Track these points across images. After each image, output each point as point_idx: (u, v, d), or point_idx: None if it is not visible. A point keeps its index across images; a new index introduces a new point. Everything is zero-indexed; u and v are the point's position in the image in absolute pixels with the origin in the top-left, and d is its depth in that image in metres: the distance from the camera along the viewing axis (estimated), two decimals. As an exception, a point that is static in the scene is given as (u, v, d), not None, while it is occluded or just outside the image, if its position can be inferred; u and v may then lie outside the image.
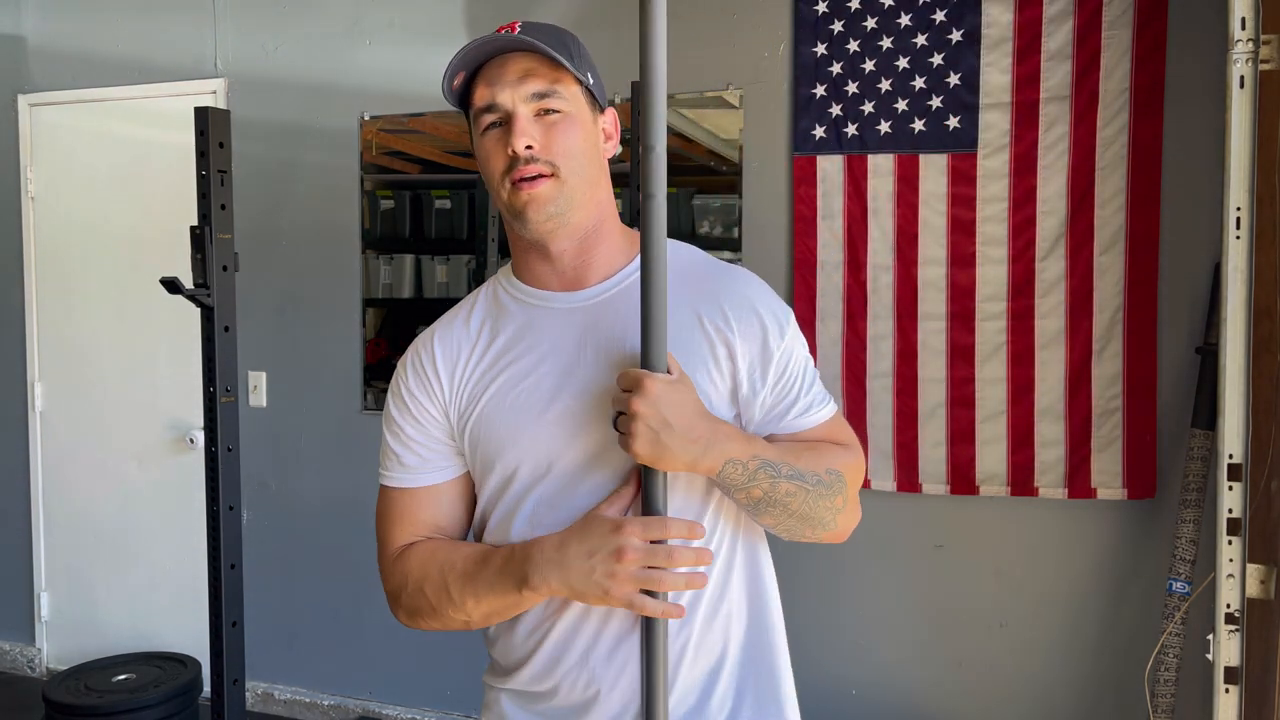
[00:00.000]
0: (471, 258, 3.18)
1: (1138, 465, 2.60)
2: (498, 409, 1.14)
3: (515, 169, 1.09)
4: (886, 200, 2.74)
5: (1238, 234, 1.96)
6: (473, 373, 1.18)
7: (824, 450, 1.15)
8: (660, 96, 1.00)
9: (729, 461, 1.05)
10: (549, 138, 1.10)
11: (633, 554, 1.02)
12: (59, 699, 2.94)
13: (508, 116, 1.10)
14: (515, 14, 3.09)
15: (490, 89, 1.10)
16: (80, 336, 3.73)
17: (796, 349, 1.18)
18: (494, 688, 1.24)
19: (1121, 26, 2.54)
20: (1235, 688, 1.96)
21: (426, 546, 1.19)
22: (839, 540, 1.18)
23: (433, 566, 1.16)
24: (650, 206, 1.03)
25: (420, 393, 1.19)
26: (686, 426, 1.02)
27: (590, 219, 1.15)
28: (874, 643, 2.87)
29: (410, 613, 1.20)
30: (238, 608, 2.59)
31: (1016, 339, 2.67)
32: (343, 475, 3.37)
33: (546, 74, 1.10)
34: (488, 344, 1.18)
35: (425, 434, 1.19)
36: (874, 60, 2.73)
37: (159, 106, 3.53)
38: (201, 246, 2.48)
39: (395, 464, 1.21)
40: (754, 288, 1.18)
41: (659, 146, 1.01)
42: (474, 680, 3.37)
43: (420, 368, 1.20)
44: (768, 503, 1.09)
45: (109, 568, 3.74)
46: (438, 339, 1.21)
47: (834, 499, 1.13)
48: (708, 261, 1.22)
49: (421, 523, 1.21)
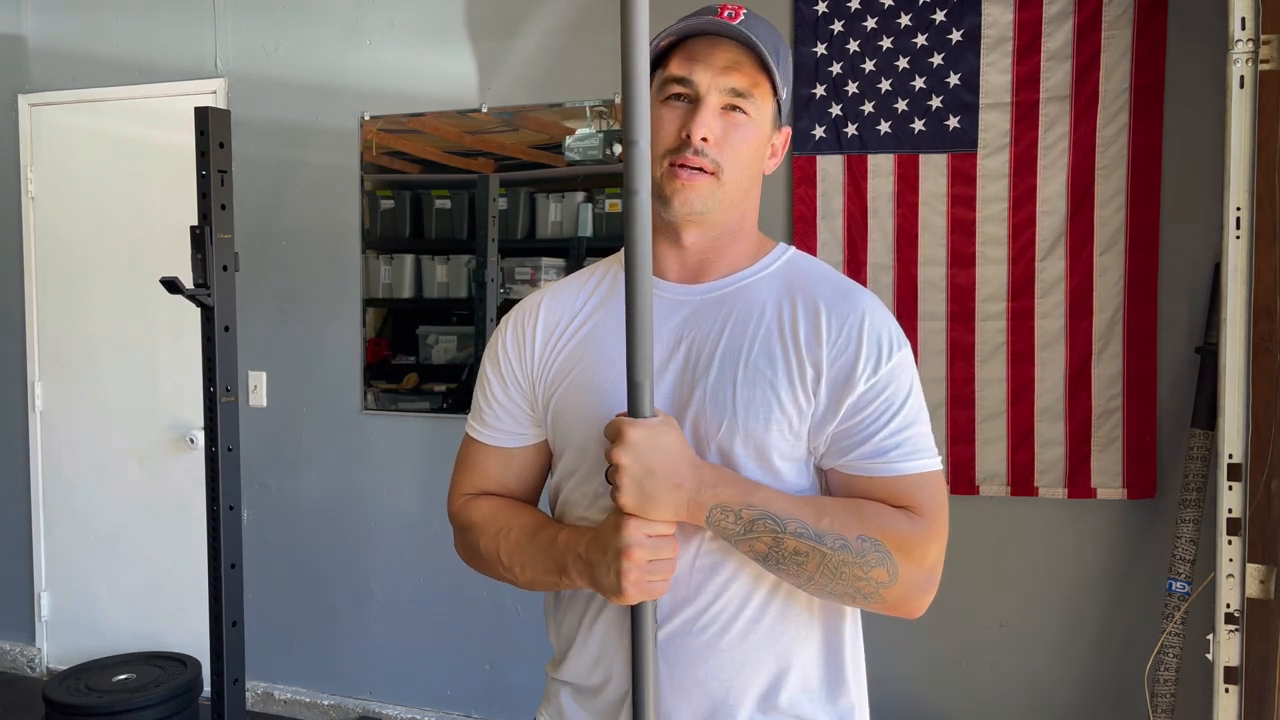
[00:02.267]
0: (471, 258, 3.18)
1: (1138, 465, 2.60)
2: (585, 386, 1.14)
3: (682, 154, 1.08)
4: (886, 200, 2.74)
5: (1238, 234, 1.96)
6: (568, 344, 1.17)
7: (870, 513, 1.04)
8: (643, 89, 0.97)
9: (716, 506, 1.01)
10: (726, 136, 1.09)
11: (639, 550, 1.01)
12: (59, 699, 2.94)
13: (697, 98, 1.08)
14: (516, 14, 3.09)
15: (691, 64, 1.08)
16: (80, 336, 3.73)
17: (895, 387, 1.07)
18: (554, 679, 1.23)
19: (1121, 26, 2.54)
20: (1235, 688, 1.96)
21: (488, 505, 1.21)
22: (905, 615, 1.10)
23: (490, 526, 1.19)
24: (633, 203, 0.99)
25: (514, 354, 1.20)
26: (670, 472, 1.00)
27: (731, 221, 1.14)
28: (873, 642, 2.86)
29: (467, 555, 1.25)
30: (238, 608, 2.59)
31: (1016, 339, 2.67)
32: (343, 475, 3.37)
33: (750, 74, 1.09)
34: (587, 318, 1.17)
35: (509, 396, 1.20)
36: (874, 60, 2.73)
37: (159, 106, 3.53)
38: (201, 246, 2.48)
39: (478, 416, 1.24)
40: (869, 311, 1.10)
41: (642, 141, 0.98)
42: (474, 680, 3.37)
43: (521, 328, 1.20)
44: (777, 560, 1.03)
45: (109, 568, 3.74)
46: (545, 303, 1.20)
47: (869, 570, 1.03)
48: (830, 277, 1.15)
49: (490, 479, 1.23)
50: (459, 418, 3.19)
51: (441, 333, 3.25)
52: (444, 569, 3.25)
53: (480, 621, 3.23)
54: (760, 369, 1.08)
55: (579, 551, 1.07)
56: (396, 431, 3.30)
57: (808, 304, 1.11)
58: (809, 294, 1.12)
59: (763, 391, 1.07)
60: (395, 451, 3.30)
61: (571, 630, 1.18)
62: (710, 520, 1.02)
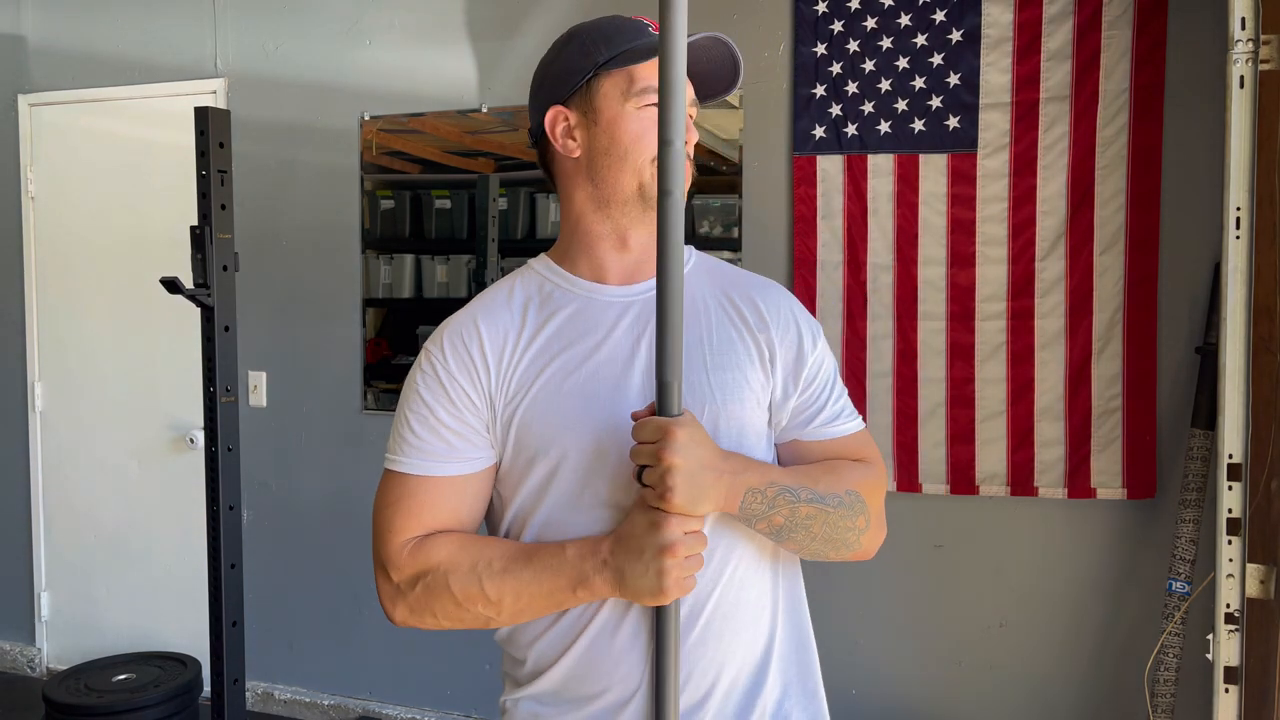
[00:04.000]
0: (471, 258, 3.18)
1: (1137, 465, 2.60)
2: (553, 395, 1.12)
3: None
4: (886, 200, 2.75)
5: (1238, 234, 1.96)
6: (521, 358, 1.14)
7: (843, 470, 1.17)
8: (680, 90, 0.98)
9: (749, 491, 1.07)
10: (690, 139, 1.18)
11: (681, 546, 1.03)
12: (59, 699, 2.94)
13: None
14: (516, 14, 3.09)
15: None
16: (80, 336, 3.73)
17: (826, 359, 1.22)
18: (520, 699, 1.20)
19: (1121, 26, 2.55)
20: (1235, 688, 1.96)
21: (450, 541, 1.13)
22: (865, 558, 1.20)
23: (463, 560, 1.10)
24: (667, 204, 0.99)
25: (462, 376, 1.14)
26: (715, 465, 1.04)
27: None
28: (874, 642, 2.87)
29: (416, 607, 1.14)
30: (238, 608, 2.59)
31: (1016, 339, 2.67)
32: (343, 475, 3.37)
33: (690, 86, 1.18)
34: (535, 330, 1.15)
35: (460, 420, 1.13)
36: (874, 60, 2.73)
37: (159, 106, 3.53)
38: (201, 246, 2.48)
39: (415, 450, 1.14)
40: (787, 297, 1.24)
41: (677, 141, 0.99)
42: (474, 680, 3.37)
43: (462, 349, 1.15)
44: (790, 528, 1.10)
45: (109, 568, 3.74)
46: (481, 321, 1.16)
47: (855, 519, 1.14)
48: (741, 271, 1.27)
49: (440, 514, 1.14)
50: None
51: (441, 333, 3.25)
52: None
53: (480, 621, 3.23)
54: (725, 353, 1.15)
55: (602, 559, 1.06)
56: (396, 431, 3.30)
57: (742, 294, 1.20)
58: (737, 285, 1.22)
59: (733, 374, 1.14)
60: (395, 451, 3.29)
61: (555, 647, 1.15)
62: (743, 505, 1.07)
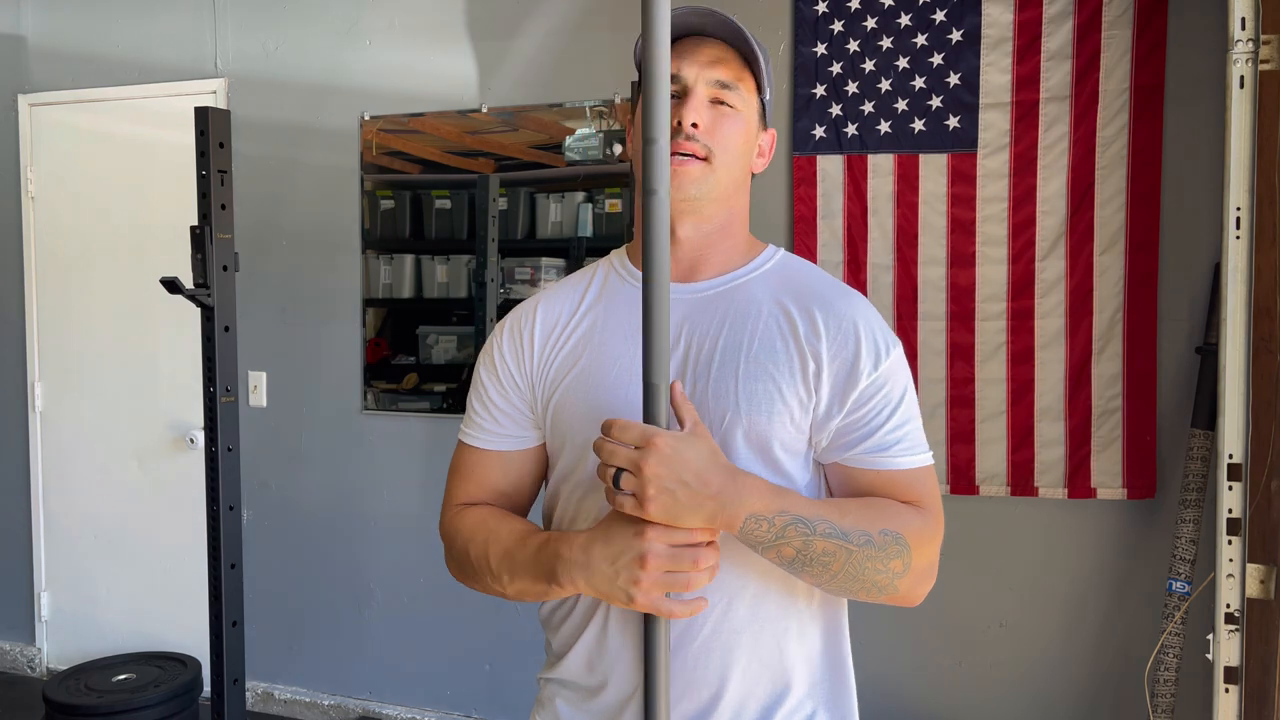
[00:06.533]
0: (471, 258, 3.18)
1: (1138, 465, 2.60)
2: (585, 386, 1.14)
3: (675, 141, 1.10)
4: (886, 200, 2.75)
5: (1238, 234, 1.96)
6: (564, 344, 1.18)
7: (886, 509, 1.07)
8: (664, 87, 0.97)
9: (750, 517, 0.99)
10: (716, 125, 1.12)
11: (655, 560, 0.98)
12: (59, 699, 2.94)
13: (685, 91, 1.12)
14: (517, 14, 3.09)
15: (679, 61, 1.12)
16: (80, 336, 3.73)
17: (891, 384, 1.11)
18: (548, 680, 1.22)
19: (1121, 26, 2.54)
20: (1235, 688, 1.96)
21: (480, 513, 1.20)
22: (907, 604, 1.11)
23: (481, 533, 1.17)
24: (652, 202, 0.98)
25: (512, 358, 1.20)
26: (702, 482, 0.97)
27: (721, 215, 1.16)
28: (873, 642, 2.87)
29: (458, 569, 1.23)
30: (238, 608, 2.59)
31: (1016, 339, 2.67)
32: (343, 475, 3.37)
33: (734, 69, 1.13)
34: (584, 318, 1.18)
35: (507, 400, 1.20)
36: (874, 60, 2.73)
37: (159, 106, 3.53)
38: (201, 246, 2.48)
39: (472, 423, 1.23)
40: (861, 310, 1.13)
41: (661, 139, 0.98)
42: (474, 680, 3.37)
43: (517, 332, 1.21)
44: (803, 562, 1.02)
45: (109, 568, 3.74)
46: (541, 306, 1.21)
47: (888, 562, 1.04)
48: (822, 278, 1.18)
49: (487, 486, 1.22)
50: (459, 418, 3.17)
51: (441, 333, 3.25)
52: (444, 569, 3.25)
53: (480, 621, 3.23)
54: (762, 363, 1.09)
55: (572, 555, 1.03)
56: (396, 431, 3.30)
57: (804, 302, 1.13)
58: (804, 293, 1.14)
59: (765, 385, 1.09)
60: (395, 451, 3.30)
61: (573, 630, 1.17)
62: (744, 530, 1.00)
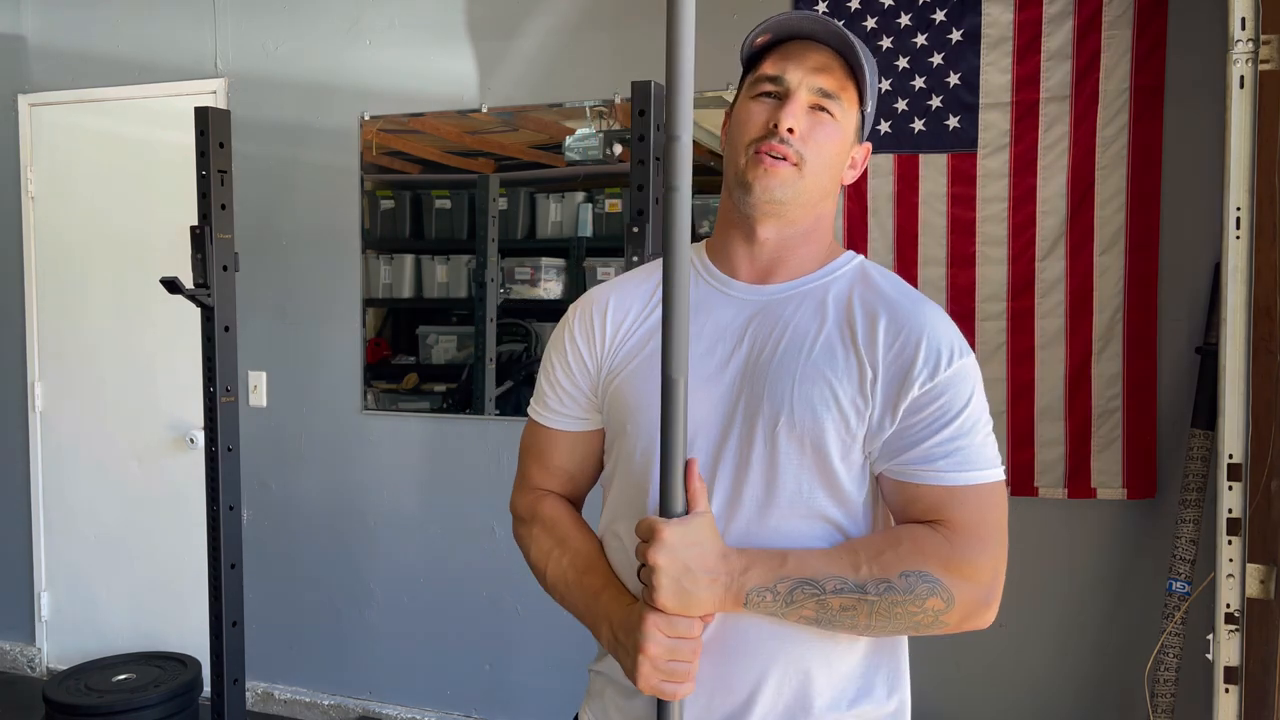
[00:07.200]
0: (471, 258, 3.18)
1: (1138, 465, 2.60)
2: (645, 377, 1.15)
3: (767, 141, 1.10)
4: (886, 200, 2.75)
5: (1238, 234, 1.96)
6: (632, 333, 1.19)
7: (904, 546, 1.04)
8: (687, 84, 0.96)
9: (752, 591, 1.02)
10: (812, 132, 1.11)
11: (654, 648, 1.01)
12: (59, 699, 2.95)
13: (786, 94, 1.11)
14: (517, 14, 3.09)
15: (784, 63, 1.12)
16: (80, 336, 3.73)
17: (952, 395, 1.07)
18: (597, 673, 1.24)
19: (1121, 26, 2.54)
20: (1235, 688, 1.96)
21: (551, 513, 1.24)
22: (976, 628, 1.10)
23: (547, 538, 1.22)
24: (673, 199, 0.98)
25: (582, 340, 1.22)
26: (706, 568, 1.01)
27: (806, 221, 1.16)
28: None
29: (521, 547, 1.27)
30: (238, 608, 2.59)
31: (1016, 339, 2.67)
32: (343, 475, 3.37)
33: (839, 79, 1.13)
34: (655, 311, 1.19)
35: (572, 382, 1.23)
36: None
37: (159, 106, 3.53)
38: (201, 246, 2.49)
39: (540, 400, 1.26)
40: (929, 318, 1.10)
41: (685, 136, 0.97)
42: (474, 680, 3.37)
43: (589, 316, 1.23)
44: (827, 620, 1.04)
45: (109, 568, 3.74)
46: (614, 293, 1.23)
47: (923, 603, 1.03)
48: (896, 285, 1.16)
49: (554, 465, 1.26)
50: (459, 418, 3.19)
51: (441, 333, 3.25)
52: (444, 569, 3.25)
53: (480, 621, 3.23)
54: (820, 367, 1.09)
55: (611, 624, 1.10)
56: (396, 431, 3.30)
57: (870, 308, 1.12)
58: (873, 299, 1.13)
59: (820, 389, 1.08)
60: (395, 451, 3.30)
61: None
62: (749, 604, 1.03)
